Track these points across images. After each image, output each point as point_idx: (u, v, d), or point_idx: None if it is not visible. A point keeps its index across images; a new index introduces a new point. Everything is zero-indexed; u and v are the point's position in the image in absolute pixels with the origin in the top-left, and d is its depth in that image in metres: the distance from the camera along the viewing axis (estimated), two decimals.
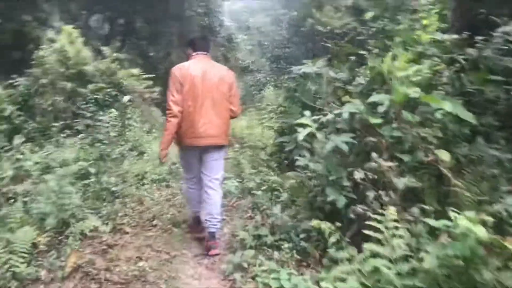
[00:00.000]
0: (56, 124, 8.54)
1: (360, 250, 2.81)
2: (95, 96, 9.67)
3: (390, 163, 2.95)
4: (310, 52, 21.77)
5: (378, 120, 3.14)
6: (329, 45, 6.82)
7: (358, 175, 3.01)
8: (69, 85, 9.35)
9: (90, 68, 10.00)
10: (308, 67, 5.02)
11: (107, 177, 5.70)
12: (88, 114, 9.26)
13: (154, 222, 4.65)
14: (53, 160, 6.33)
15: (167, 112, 3.79)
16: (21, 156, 7.81)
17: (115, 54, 10.71)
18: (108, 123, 8.51)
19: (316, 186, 3.85)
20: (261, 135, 8.68)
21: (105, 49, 10.65)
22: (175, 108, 3.74)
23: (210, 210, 3.91)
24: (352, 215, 3.06)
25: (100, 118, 7.89)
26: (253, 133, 9.36)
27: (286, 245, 3.57)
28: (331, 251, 2.85)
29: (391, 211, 2.63)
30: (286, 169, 5.95)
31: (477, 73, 3.74)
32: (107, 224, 4.38)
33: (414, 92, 3.02)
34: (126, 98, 9.62)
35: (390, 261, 2.46)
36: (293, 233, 3.70)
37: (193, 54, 3.99)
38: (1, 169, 6.69)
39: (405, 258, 2.51)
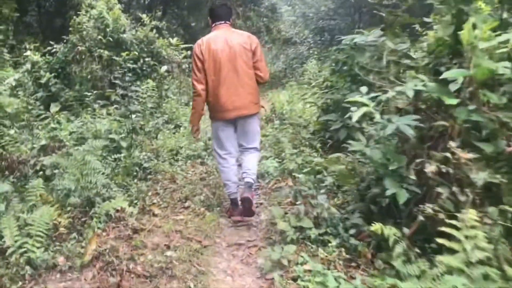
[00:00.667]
0: (92, 93, 8.33)
1: (426, 258, 2.32)
2: (133, 66, 9.39)
3: (470, 155, 2.40)
4: (356, 24, 20.76)
5: (454, 101, 2.57)
6: (382, 14, 6.14)
7: (430, 167, 2.47)
8: (106, 53, 9.05)
9: (128, 36, 9.68)
10: (362, 37, 4.42)
11: (139, 151, 5.38)
12: (125, 84, 9.04)
13: (186, 204, 4.27)
14: (88, 130, 6.07)
15: (193, 91, 3.83)
16: (56, 125, 7.69)
17: (153, 23, 10.29)
18: (145, 93, 8.23)
19: (370, 174, 3.34)
20: (303, 112, 8.14)
21: (144, 17, 10.24)
22: (199, 87, 3.73)
23: (246, 167, 3.93)
24: (419, 215, 2.53)
25: (136, 88, 7.48)
26: (295, 109, 8.80)
27: (333, 241, 3.10)
28: (397, 264, 2.34)
29: (472, 215, 2.11)
30: (330, 150, 5.44)
31: None
32: (135, 204, 4.05)
33: (503, 68, 2.43)
34: (163, 68, 9.25)
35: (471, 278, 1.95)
36: (341, 227, 3.22)
37: (213, 25, 3.92)
38: (35, 137, 6.54)
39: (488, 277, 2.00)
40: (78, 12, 9.58)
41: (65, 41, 9.43)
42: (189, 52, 10.97)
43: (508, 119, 2.68)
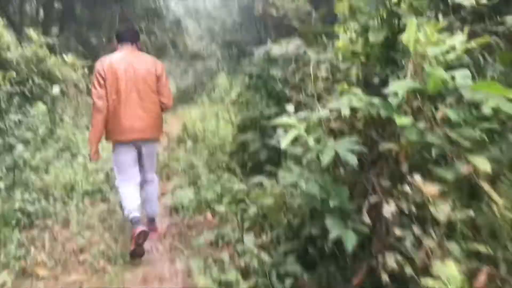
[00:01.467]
0: None
1: None
2: (20, 88, 8.19)
3: (434, 188, 1.94)
4: (263, 36, 20.75)
5: (406, 120, 2.13)
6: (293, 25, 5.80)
7: (389, 208, 1.98)
8: None
9: (12, 55, 8.45)
10: (279, 48, 3.94)
11: (23, 192, 4.43)
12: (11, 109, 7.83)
13: (82, 258, 3.45)
14: None
15: (93, 107, 3.63)
16: None
17: (43, 39, 9.12)
18: (35, 119, 7.14)
19: (303, 208, 2.82)
20: (218, 131, 7.55)
21: (30, 32, 9.04)
22: (99, 102, 3.57)
23: (148, 207, 3.95)
24: (369, 262, 2.03)
25: (16, 118, 6.42)
26: (208, 127, 8.20)
27: None
28: None
29: (450, 267, 1.64)
30: (251, 174, 4.90)
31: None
32: (13, 267, 3.16)
33: (461, 77, 2.03)
34: (55, 89, 8.17)
35: None
36: (275, 277, 2.65)
37: (118, 45, 3.83)
38: None
39: None
40: None
41: None
42: (86, 70, 9.95)
43: (460, 137, 2.28)
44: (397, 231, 1.97)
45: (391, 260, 1.91)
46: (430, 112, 2.32)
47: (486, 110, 2.10)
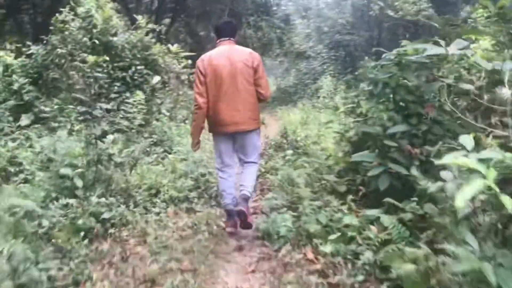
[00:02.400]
0: (70, 106, 6.93)
1: None
2: (122, 74, 7.98)
3: None
4: (375, 40, 19.37)
5: None
6: (434, 24, 4.72)
7: None
8: (91, 58, 7.61)
9: (118, 40, 8.27)
10: (437, 49, 2.93)
11: (103, 193, 3.91)
12: (112, 95, 7.62)
13: None
14: (55, 152, 4.61)
15: (194, 104, 3.90)
16: (24, 142, 6.34)
17: (150, 25, 8.86)
18: (134, 107, 6.80)
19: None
20: (321, 138, 6.65)
21: (139, 19, 8.83)
22: (200, 100, 3.80)
23: (243, 181, 3.96)
24: None
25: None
26: (311, 134, 7.34)
27: None
28: None
29: None
30: (365, 202, 3.98)
31: None
32: None
33: None
34: (156, 79, 7.83)
35: None
36: None
37: (217, 41, 3.98)
38: None
39: None
40: (61, 9, 8.15)
41: (44, 41, 8.02)
42: (189, 62, 9.55)
43: None
44: None
45: None
46: None
47: None
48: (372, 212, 3.56)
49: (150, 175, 4.70)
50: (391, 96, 4.21)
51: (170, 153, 6.17)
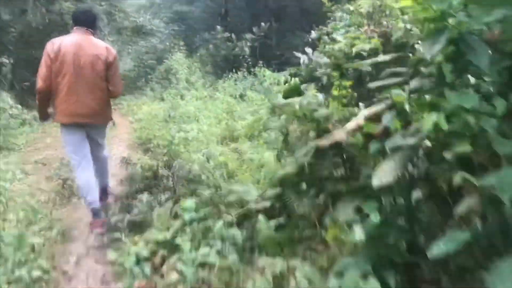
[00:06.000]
0: None
1: None
2: None
3: None
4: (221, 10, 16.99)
5: None
6: None
7: None
8: None
9: None
10: None
11: None
12: None
13: None
14: None
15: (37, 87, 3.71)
16: None
17: None
18: None
19: None
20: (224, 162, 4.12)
21: None
22: (41, 83, 3.61)
23: (98, 172, 3.95)
24: None
25: None
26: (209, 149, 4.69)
27: None
28: None
29: None
30: None
31: None
32: None
33: None
34: None
35: None
36: None
37: (73, 28, 3.81)
38: None
39: None
40: None
41: None
42: None
43: None
44: None
45: None
46: None
47: None
48: None
49: None
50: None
51: None
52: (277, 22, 16.08)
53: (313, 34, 11.44)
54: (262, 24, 14.22)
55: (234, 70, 12.96)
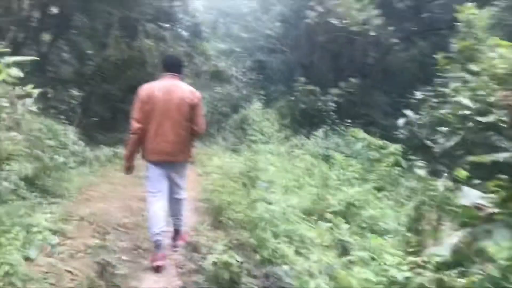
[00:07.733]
0: None
1: None
2: None
3: None
4: (305, 60, 16.02)
5: None
6: None
7: None
8: None
9: None
10: None
11: None
12: None
13: None
14: None
15: (131, 128, 3.96)
16: None
17: None
18: None
19: None
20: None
21: None
22: (135, 125, 3.88)
23: (173, 212, 4.18)
24: None
25: None
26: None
27: None
28: None
29: None
30: None
31: None
32: None
33: None
34: None
35: None
36: None
37: (163, 74, 4.08)
38: None
39: None
40: None
41: None
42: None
43: None
44: None
45: None
46: None
47: None
48: None
49: None
50: None
51: None
52: (362, 79, 14.79)
53: (418, 94, 9.80)
54: (351, 79, 12.92)
55: (314, 126, 11.69)
